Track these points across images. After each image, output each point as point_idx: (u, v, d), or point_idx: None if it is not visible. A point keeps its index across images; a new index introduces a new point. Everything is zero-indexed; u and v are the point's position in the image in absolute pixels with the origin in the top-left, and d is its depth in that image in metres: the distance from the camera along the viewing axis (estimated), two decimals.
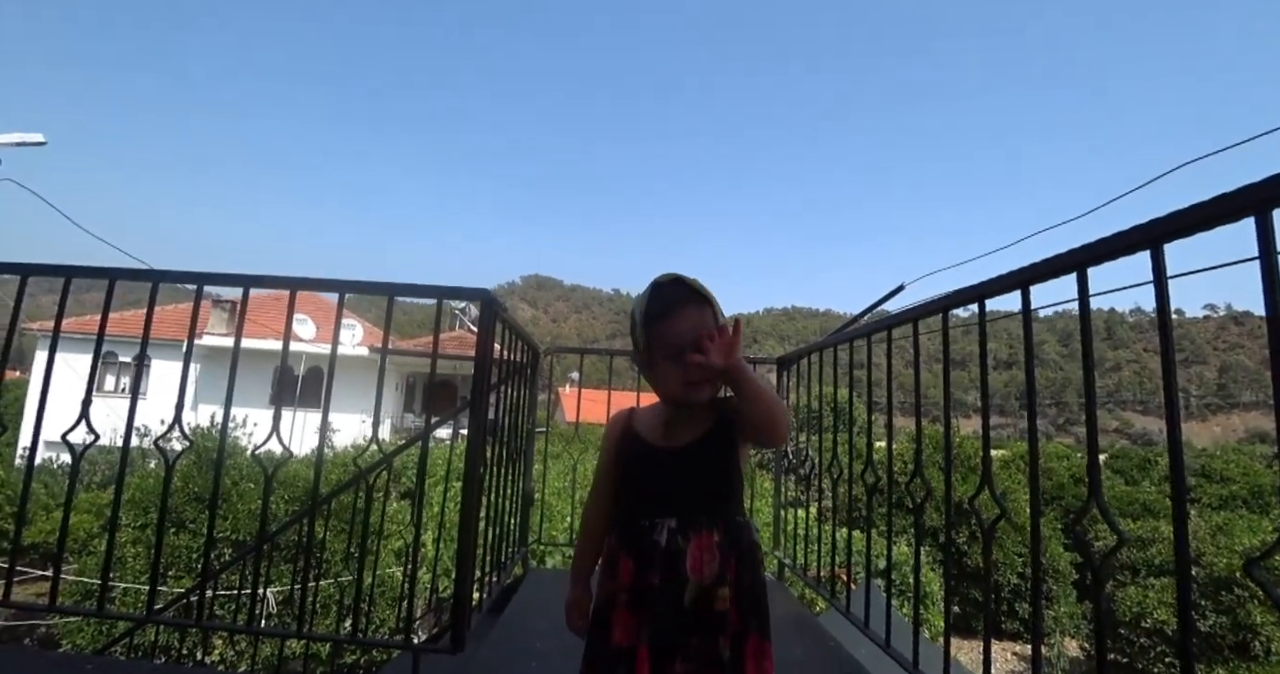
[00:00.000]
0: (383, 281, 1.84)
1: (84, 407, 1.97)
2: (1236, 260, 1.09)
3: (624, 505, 1.19)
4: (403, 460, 9.10)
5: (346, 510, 7.13)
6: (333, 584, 7.25)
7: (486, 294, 1.80)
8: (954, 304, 1.70)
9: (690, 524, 1.10)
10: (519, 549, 2.89)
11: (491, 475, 2.32)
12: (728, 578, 1.08)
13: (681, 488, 1.13)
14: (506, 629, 2.26)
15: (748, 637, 1.09)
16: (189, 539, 7.72)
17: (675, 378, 1.14)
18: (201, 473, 7.93)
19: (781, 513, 3.26)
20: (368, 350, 16.73)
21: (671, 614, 1.06)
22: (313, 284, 1.90)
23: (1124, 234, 1.17)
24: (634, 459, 1.20)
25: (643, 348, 1.18)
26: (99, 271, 2.06)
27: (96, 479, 14.47)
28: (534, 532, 3.44)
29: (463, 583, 1.77)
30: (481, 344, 1.81)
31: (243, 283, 1.93)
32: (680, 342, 1.12)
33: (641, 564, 1.10)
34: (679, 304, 1.14)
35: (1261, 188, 0.94)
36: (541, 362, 3.01)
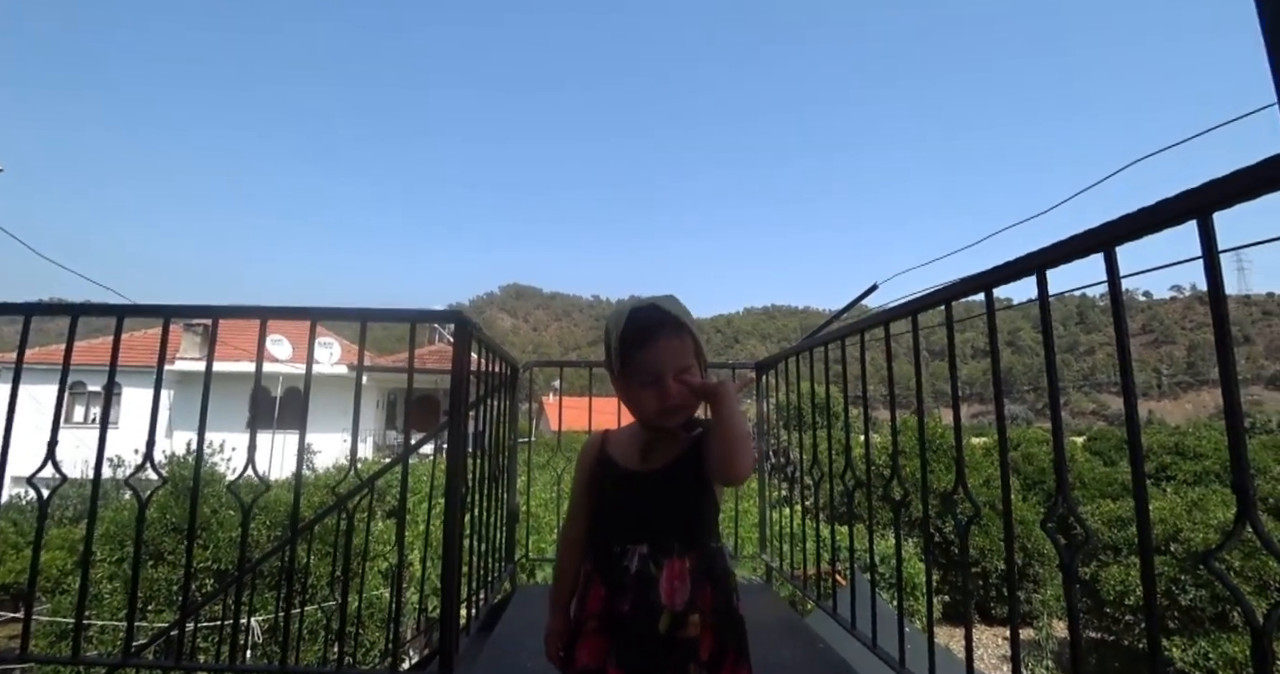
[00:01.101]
0: (355, 308, 1.82)
1: (50, 448, 1.93)
2: (1181, 260, 1.12)
3: (597, 531, 1.19)
4: (387, 478, 8.98)
5: (331, 533, 7.02)
6: (319, 609, 7.13)
7: (460, 316, 1.79)
8: (922, 308, 1.73)
9: (662, 550, 1.10)
10: (506, 566, 2.87)
11: (475, 494, 2.30)
12: (699, 604, 1.08)
13: (654, 513, 1.13)
14: (496, 649, 2.25)
15: (725, 659, 1.08)
16: (167, 571, 7.54)
17: (650, 404, 1.14)
18: (179, 502, 7.76)
19: (769, 513, 3.28)
20: (346, 368, 16.51)
21: (644, 641, 1.06)
22: (284, 313, 1.88)
23: (1078, 238, 1.21)
24: (607, 483, 1.20)
25: (618, 373, 1.18)
26: (63, 308, 2.02)
27: (68, 514, 14.07)
28: (521, 546, 3.42)
29: (449, 605, 1.75)
30: (457, 366, 1.81)
31: (212, 314, 1.90)
32: (657, 369, 1.12)
33: (612, 591, 1.10)
34: (655, 331, 1.13)
35: (1200, 192, 0.98)
36: (521, 377, 3.01)
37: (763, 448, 3.33)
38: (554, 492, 7.77)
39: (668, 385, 1.12)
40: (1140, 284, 34.49)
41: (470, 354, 1.90)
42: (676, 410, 1.13)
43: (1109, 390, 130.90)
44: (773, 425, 3.36)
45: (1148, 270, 1.27)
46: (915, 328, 1.76)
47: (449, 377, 1.81)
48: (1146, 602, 1.09)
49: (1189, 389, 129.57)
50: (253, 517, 2.07)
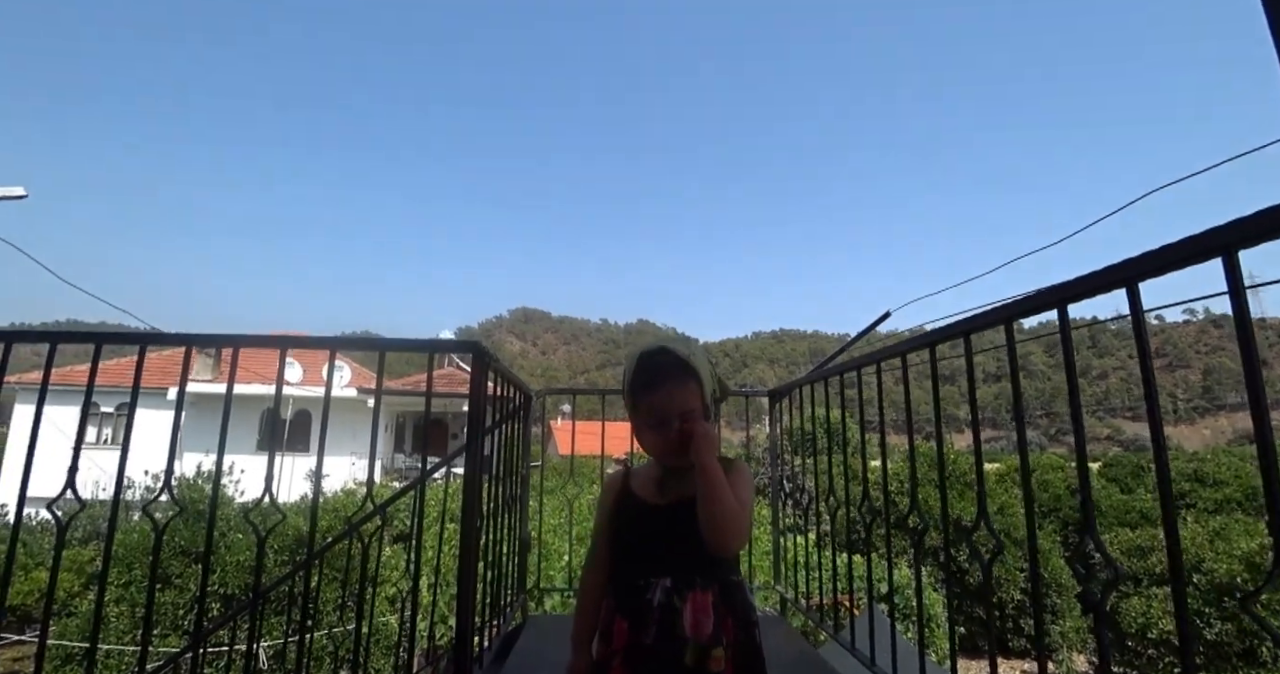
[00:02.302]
0: (373, 337, 1.85)
1: (70, 474, 1.94)
2: (1207, 294, 1.11)
3: (620, 565, 1.19)
4: (395, 505, 8.94)
5: (338, 558, 6.98)
6: (325, 635, 7.05)
7: (478, 346, 1.80)
8: (940, 339, 1.72)
9: (685, 583, 1.10)
10: (518, 595, 2.84)
11: (488, 521, 2.29)
12: (724, 639, 1.08)
13: (675, 545, 1.13)
14: None
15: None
16: (174, 595, 7.50)
17: (654, 446, 1.19)
18: (186, 525, 7.74)
19: (781, 541, 3.24)
20: (356, 391, 16.56)
21: (669, 672, 1.05)
22: (303, 342, 1.89)
23: (1100, 273, 1.20)
24: (628, 517, 1.21)
25: (630, 412, 1.23)
26: (85, 337, 2.04)
27: (77, 535, 14.07)
28: (531, 575, 3.39)
29: (463, 633, 1.73)
30: (475, 395, 1.81)
31: (231, 343, 1.92)
32: (660, 413, 1.17)
33: (636, 624, 1.10)
34: (661, 377, 1.18)
35: (1226, 230, 0.98)
36: (534, 404, 3.01)
37: (775, 475, 3.30)
38: (563, 518, 7.70)
39: (669, 429, 1.16)
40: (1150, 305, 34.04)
41: (487, 382, 1.90)
42: (680, 453, 1.15)
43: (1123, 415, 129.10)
44: (784, 451, 3.34)
45: (1172, 304, 1.26)
46: (934, 360, 1.76)
47: (458, 401, 1.81)
48: (1182, 647, 1.06)
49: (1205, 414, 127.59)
50: (265, 551, 2.06)
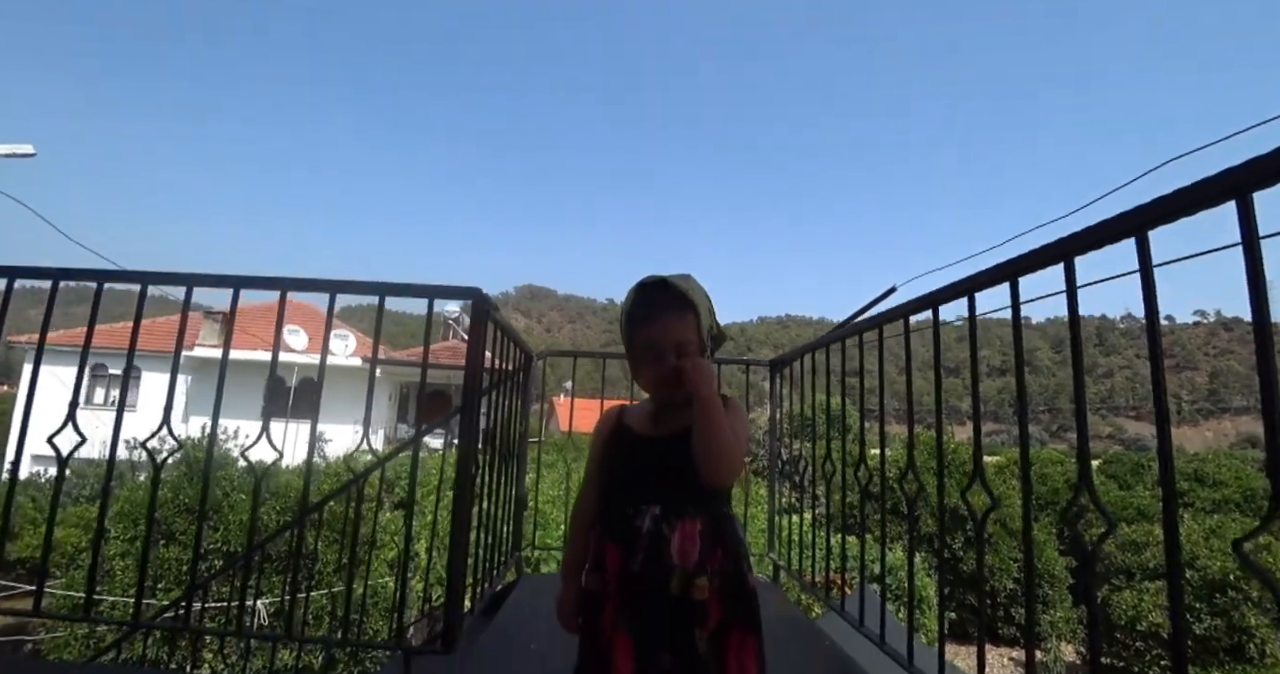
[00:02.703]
0: (374, 281, 1.84)
1: (71, 409, 1.96)
2: (1219, 247, 1.09)
3: (611, 496, 1.19)
4: (396, 471, 9.03)
5: (339, 520, 7.07)
6: (325, 595, 7.17)
7: (478, 293, 1.80)
8: (943, 299, 1.71)
9: (675, 511, 1.10)
10: (513, 554, 2.87)
11: (484, 478, 2.30)
12: (709, 568, 1.08)
13: (666, 475, 1.13)
14: (500, 632, 2.24)
15: (731, 631, 1.08)
16: (179, 551, 7.63)
17: (650, 377, 1.18)
18: (192, 484, 7.85)
19: (777, 519, 3.25)
20: (360, 360, 16.66)
21: (656, 602, 1.06)
22: (304, 284, 1.89)
23: (1109, 222, 1.18)
24: (621, 450, 1.21)
25: (626, 346, 1.23)
26: (87, 273, 2.05)
27: (85, 492, 14.29)
28: (527, 538, 3.42)
29: (455, 582, 1.75)
30: (473, 344, 1.81)
31: (232, 284, 1.92)
32: (656, 346, 1.16)
33: (625, 550, 1.10)
34: (659, 309, 1.17)
35: (1241, 172, 0.96)
36: (534, 365, 3.01)
37: (774, 448, 3.31)
38: (562, 490, 7.77)
39: (666, 361, 1.15)
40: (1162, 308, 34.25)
41: (486, 333, 1.90)
42: (675, 387, 1.14)
43: (1126, 414, 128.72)
44: (784, 432, 3.33)
45: (1182, 258, 1.23)
46: (936, 319, 1.74)
47: (460, 374, 1.81)
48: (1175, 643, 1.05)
49: (1210, 416, 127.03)
50: (263, 499, 2.09)
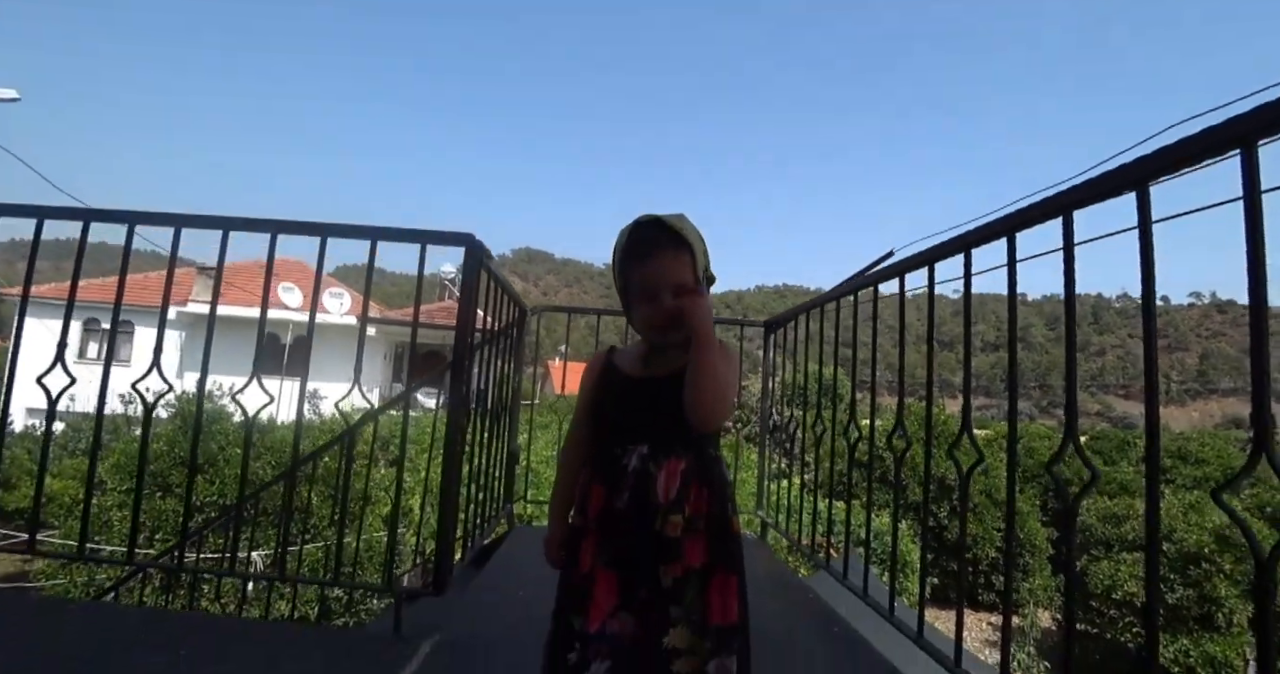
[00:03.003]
0: (365, 225, 1.81)
1: (59, 349, 1.95)
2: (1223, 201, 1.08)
3: (599, 437, 1.19)
4: (391, 430, 9.10)
5: (334, 476, 7.14)
6: (320, 548, 7.29)
7: (471, 239, 1.77)
8: (941, 255, 1.70)
9: (662, 451, 1.10)
10: (505, 507, 2.91)
11: (476, 428, 2.32)
12: (692, 508, 1.08)
13: (655, 415, 1.12)
14: (490, 579, 2.29)
15: (714, 571, 1.09)
16: (175, 503, 7.72)
17: (646, 318, 1.16)
18: (187, 438, 7.89)
19: (766, 483, 3.29)
20: (355, 319, 16.61)
21: (639, 540, 1.07)
22: (294, 227, 1.87)
23: (1110, 175, 1.17)
24: (611, 390, 1.20)
25: (620, 288, 1.20)
26: (73, 212, 2.02)
27: (81, 446, 14.37)
28: (520, 493, 3.46)
29: (446, 527, 1.78)
30: (466, 292, 1.80)
31: (222, 225, 1.89)
32: (652, 285, 1.13)
33: (610, 489, 1.10)
34: (654, 247, 1.14)
35: (1246, 121, 0.94)
36: (528, 320, 3.00)
37: (766, 409, 3.33)
38: (555, 450, 7.83)
39: (661, 302, 1.12)
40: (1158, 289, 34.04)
41: (479, 282, 1.88)
42: (670, 327, 1.13)
43: (1115, 392, 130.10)
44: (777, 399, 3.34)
45: (1183, 213, 1.21)
46: (931, 276, 1.73)
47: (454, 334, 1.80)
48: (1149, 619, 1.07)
49: (1197, 397, 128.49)
50: (259, 454, 2.10)
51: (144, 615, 1.85)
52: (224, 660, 1.52)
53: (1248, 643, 10.56)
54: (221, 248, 1.90)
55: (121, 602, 5.86)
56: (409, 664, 1.56)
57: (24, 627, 1.61)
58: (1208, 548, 11.42)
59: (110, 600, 3.85)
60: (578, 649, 1.06)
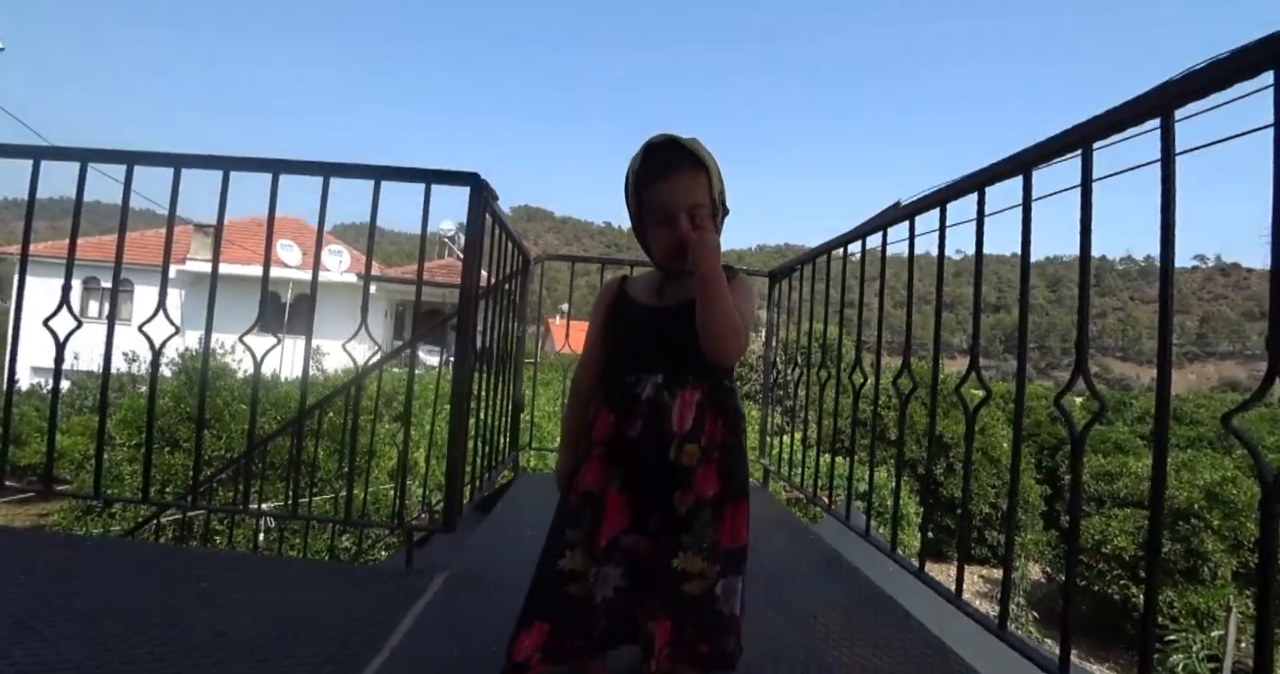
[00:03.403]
0: (369, 164, 1.79)
1: (64, 292, 1.94)
2: (1255, 128, 1.05)
3: (611, 367, 1.18)
4: (394, 384, 9.16)
5: (339, 431, 7.22)
6: (328, 500, 7.43)
7: (477, 178, 1.75)
8: (952, 196, 1.67)
9: (677, 380, 1.10)
10: (510, 453, 2.95)
11: (481, 377, 2.33)
12: (707, 439, 1.08)
13: (670, 344, 1.11)
14: (497, 520, 2.34)
15: (728, 500, 1.10)
16: (184, 458, 7.83)
17: (662, 243, 1.12)
18: (192, 393, 7.96)
19: (769, 438, 3.32)
20: (355, 277, 16.55)
21: (653, 467, 1.08)
22: (296, 167, 1.84)
23: (1134, 102, 1.14)
24: (624, 319, 1.18)
25: (633, 211, 1.16)
26: (71, 153, 1.98)
27: (88, 403, 14.49)
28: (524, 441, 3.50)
29: (455, 466, 1.80)
30: (471, 231, 1.78)
31: (222, 165, 1.86)
32: (668, 207, 1.09)
33: (621, 417, 1.10)
34: (670, 168, 1.09)
35: None
36: (532, 269, 2.98)
37: (769, 357, 3.34)
38: (557, 406, 7.91)
39: (678, 224, 1.09)
40: None
41: (484, 224, 1.86)
42: (685, 254, 1.09)
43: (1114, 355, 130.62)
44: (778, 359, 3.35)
45: (1209, 144, 1.18)
46: (943, 219, 1.71)
47: (456, 292, 1.79)
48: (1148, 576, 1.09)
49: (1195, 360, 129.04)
50: (264, 409, 2.12)
51: (160, 550, 1.90)
52: (240, 591, 1.57)
53: (1231, 594, 10.87)
54: (223, 190, 1.87)
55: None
56: (423, 596, 1.61)
57: (41, 559, 1.65)
58: (1197, 504, 11.66)
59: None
60: (567, 556, 1.09)
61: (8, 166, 2.01)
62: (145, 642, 1.28)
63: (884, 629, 1.57)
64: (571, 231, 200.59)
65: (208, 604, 1.47)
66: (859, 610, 1.68)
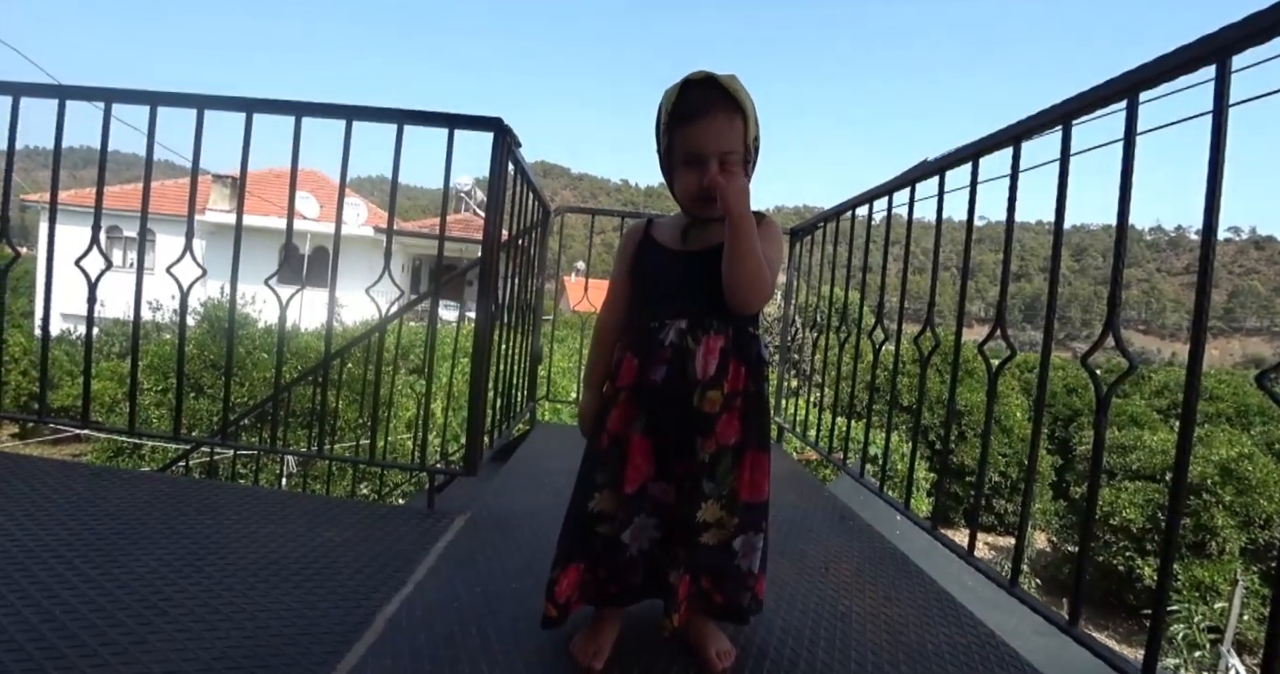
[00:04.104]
0: (391, 108, 1.76)
1: (94, 232, 1.97)
2: None
3: (635, 311, 1.18)
4: (410, 338, 9.27)
5: (358, 382, 7.37)
6: (348, 448, 7.63)
7: (500, 123, 1.72)
8: (986, 149, 1.62)
9: (701, 326, 1.08)
10: (528, 403, 2.99)
11: (501, 327, 2.34)
12: (724, 383, 1.07)
13: (694, 289, 1.10)
14: (516, 467, 2.39)
15: (747, 449, 1.11)
16: (208, 403, 8.06)
17: (689, 188, 1.09)
18: (215, 341, 8.13)
19: (784, 400, 3.33)
20: (373, 230, 16.59)
21: (676, 413, 1.08)
22: (318, 109, 1.82)
23: (1187, 47, 1.08)
24: (648, 263, 1.17)
25: (663, 151, 1.13)
26: (96, 93, 1.97)
27: (115, 350, 14.84)
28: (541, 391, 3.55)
29: (476, 410, 1.83)
30: (494, 178, 1.76)
31: (245, 107, 1.85)
32: (699, 151, 1.06)
33: (645, 362, 1.10)
34: (706, 108, 1.05)
35: None
36: (552, 219, 2.97)
37: (788, 317, 3.33)
38: (573, 362, 7.98)
39: (709, 168, 1.06)
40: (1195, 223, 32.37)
41: (506, 171, 1.84)
42: (711, 202, 1.06)
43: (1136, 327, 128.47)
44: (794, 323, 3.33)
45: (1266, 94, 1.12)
46: (975, 172, 1.66)
47: (473, 248, 1.78)
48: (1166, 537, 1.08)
49: (1220, 335, 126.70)
50: (285, 360, 2.16)
51: (193, 484, 1.97)
52: (271, 524, 1.63)
53: (1238, 568, 10.93)
54: (245, 132, 1.87)
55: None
56: (444, 535, 1.66)
57: (76, 488, 1.72)
58: (1211, 480, 11.62)
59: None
60: (596, 498, 1.11)
61: (23, 110, 1.99)
62: (179, 571, 1.35)
63: (895, 582, 1.60)
64: (588, 188, 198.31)
65: (239, 536, 1.54)
66: (871, 563, 1.71)
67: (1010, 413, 13.52)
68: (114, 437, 8.05)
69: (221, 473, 7.14)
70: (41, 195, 17.74)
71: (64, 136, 1.95)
